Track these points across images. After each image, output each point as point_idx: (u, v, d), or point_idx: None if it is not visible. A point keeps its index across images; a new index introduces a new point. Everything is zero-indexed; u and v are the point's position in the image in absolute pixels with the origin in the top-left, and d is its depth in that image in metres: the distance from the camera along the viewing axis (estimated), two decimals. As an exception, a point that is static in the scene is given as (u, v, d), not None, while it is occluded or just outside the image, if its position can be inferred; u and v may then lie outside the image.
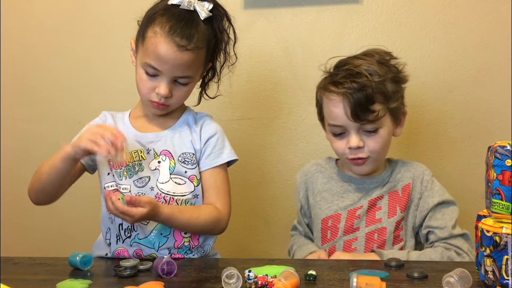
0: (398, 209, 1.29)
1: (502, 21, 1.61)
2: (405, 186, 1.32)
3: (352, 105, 1.23)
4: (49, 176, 1.20)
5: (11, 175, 1.86)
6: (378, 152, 1.28)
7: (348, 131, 1.27)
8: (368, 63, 1.27)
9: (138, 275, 1.08)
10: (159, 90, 1.22)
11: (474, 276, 0.95)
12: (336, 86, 1.26)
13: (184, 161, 1.27)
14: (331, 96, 1.28)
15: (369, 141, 1.27)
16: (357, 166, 1.30)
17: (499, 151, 0.90)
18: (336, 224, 1.31)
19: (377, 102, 1.25)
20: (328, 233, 1.33)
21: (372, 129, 1.26)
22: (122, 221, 1.23)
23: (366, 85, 1.23)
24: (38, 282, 1.06)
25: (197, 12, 1.22)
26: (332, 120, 1.29)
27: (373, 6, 1.67)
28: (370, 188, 1.33)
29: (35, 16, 1.82)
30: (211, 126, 1.32)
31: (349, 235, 1.30)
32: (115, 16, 1.77)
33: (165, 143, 1.28)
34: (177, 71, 1.21)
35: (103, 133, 1.11)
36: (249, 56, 1.72)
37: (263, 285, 0.95)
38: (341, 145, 1.29)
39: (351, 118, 1.24)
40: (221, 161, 1.29)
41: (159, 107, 1.26)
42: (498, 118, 1.64)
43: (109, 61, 1.79)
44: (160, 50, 1.18)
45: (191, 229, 1.24)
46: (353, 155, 1.28)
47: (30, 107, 1.85)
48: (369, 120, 1.24)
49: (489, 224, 0.92)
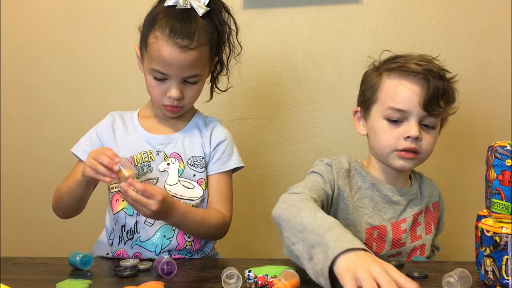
0: (432, 226, 1.28)
1: (502, 21, 1.61)
2: (434, 203, 1.30)
3: (430, 91, 1.14)
4: (70, 199, 1.24)
5: (11, 174, 1.86)
6: (428, 151, 1.19)
7: (408, 119, 1.16)
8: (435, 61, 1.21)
9: (138, 275, 1.08)
10: (170, 93, 1.22)
11: (474, 276, 0.95)
12: (419, 66, 1.16)
13: (194, 164, 1.28)
14: (406, 76, 1.17)
15: (426, 136, 1.18)
16: (405, 159, 1.18)
17: (499, 151, 0.90)
18: (383, 237, 1.21)
19: (445, 99, 1.18)
20: (373, 245, 1.21)
21: (432, 124, 1.18)
22: (125, 223, 1.24)
23: (443, 77, 1.17)
24: (38, 282, 1.05)
25: (194, 9, 1.21)
26: (395, 102, 1.17)
27: (373, 6, 1.67)
28: (408, 200, 1.25)
29: (35, 15, 1.82)
30: (221, 132, 1.33)
31: (395, 249, 1.21)
32: (117, 15, 1.77)
33: (175, 145, 1.28)
34: (184, 72, 1.21)
35: (99, 159, 1.11)
36: (249, 56, 1.72)
37: (263, 285, 0.95)
38: (395, 134, 1.17)
39: (422, 105, 1.14)
40: (228, 167, 1.30)
41: (173, 110, 1.26)
42: (498, 118, 1.64)
43: (111, 60, 1.79)
44: (164, 55, 1.18)
45: (200, 231, 1.24)
46: (409, 145, 1.16)
47: (30, 106, 1.85)
48: (435, 114, 1.16)
49: (489, 224, 0.92)
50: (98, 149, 1.16)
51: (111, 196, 1.28)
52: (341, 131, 1.68)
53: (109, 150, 1.13)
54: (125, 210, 1.25)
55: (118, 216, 1.26)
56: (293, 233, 0.95)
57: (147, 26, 1.23)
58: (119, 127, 1.32)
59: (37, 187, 1.84)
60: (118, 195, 1.26)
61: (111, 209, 1.28)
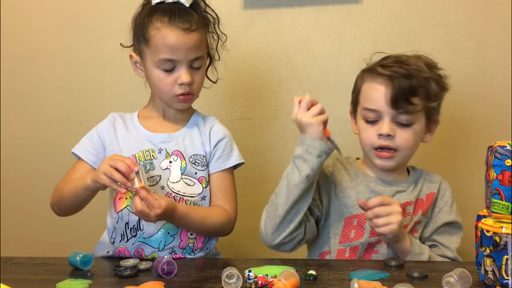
0: (420, 212, 1.29)
1: (502, 21, 1.61)
2: (430, 193, 1.31)
3: (395, 91, 1.21)
4: (73, 198, 1.25)
5: (11, 175, 1.86)
6: (406, 148, 1.25)
7: (382, 118, 1.24)
8: (416, 59, 1.27)
9: (138, 275, 1.08)
10: (181, 79, 1.24)
11: (474, 276, 0.96)
12: (384, 68, 1.25)
13: (195, 162, 1.29)
14: (375, 77, 1.26)
15: (400, 133, 1.24)
16: (382, 158, 1.26)
17: (499, 151, 0.90)
18: (362, 225, 1.27)
19: (418, 96, 1.23)
20: (352, 232, 1.28)
21: (406, 122, 1.24)
22: (129, 220, 1.25)
23: (412, 75, 1.22)
24: (38, 282, 1.06)
25: (181, 2, 1.26)
26: (368, 103, 1.26)
27: (373, 6, 1.67)
28: (394, 191, 1.30)
29: (35, 16, 1.82)
30: (220, 130, 1.35)
31: (375, 237, 1.25)
32: (117, 15, 1.77)
33: (177, 143, 1.29)
34: (190, 53, 1.24)
35: (116, 165, 1.13)
36: (249, 56, 1.72)
37: (263, 285, 0.95)
38: (371, 133, 1.26)
39: (389, 104, 1.22)
40: (229, 164, 1.32)
41: (186, 98, 1.27)
42: (498, 118, 1.64)
43: (112, 61, 1.78)
44: (170, 40, 1.22)
45: (202, 229, 1.25)
46: (382, 142, 1.24)
47: (30, 107, 1.85)
48: (406, 111, 1.22)
49: (489, 224, 0.92)
50: (114, 155, 1.17)
51: (114, 194, 1.28)
52: (341, 131, 1.68)
53: (128, 159, 1.15)
54: (128, 208, 1.26)
55: (121, 214, 1.26)
56: (277, 197, 1.23)
57: (142, 24, 1.26)
58: (120, 126, 1.33)
59: (37, 187, 1.84)
60: (121, 194, 1.26)
61: (114, 207, 1.28)
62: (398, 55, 1.29)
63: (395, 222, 1.14)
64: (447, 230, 1.30)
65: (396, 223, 1.14)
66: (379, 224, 1.14)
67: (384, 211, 1.15)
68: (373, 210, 1.15)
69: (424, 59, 1.29)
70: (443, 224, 1.29)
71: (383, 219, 1.14)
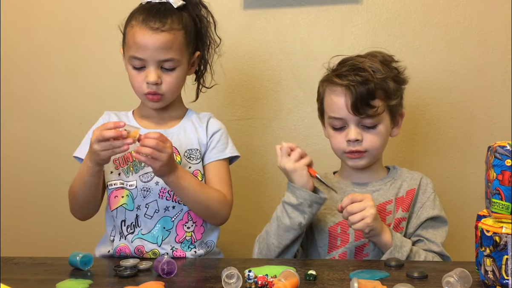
0: (400, 209, 1.30)
1: (502, 21, 1.61)
2: (410, 190, 1.33)
3: (354, 98, 1.25)
4: (85, 191, 1.24)
5: (11, 175, 1.86)
6: (375, 148, 1.30)
7: (348, 125, 1.29)
8: (371, 61, 1.30)
9: (138, 275, 1.08)
10: (148, 78, 1.24)
11: (474, 276, 0.96)
12: (340, 78, 1.29)
13: (189, 157, 1.30)
14: (334, 88, 1.30)
15: (367, 136, 1.29)
16: (354, 159, 1.31)
17: (499, 151, 0.90)
18: (346, 230, 1.29)
19: (378, 98, 1.27)
20: (338, 240, 1.30)
21: (371, 124, 1.28)
22: (125, 218, 1.26)
23: (369, 80, 1.26)
24: (38, 282, 1.06)
25: (170, 3, 1.26)
26: (332, 112, 1.30)
27: (373, 6, 1.67)
28: (370, 191, 1.32)
29: (35, 16, 1.82)
30: (216, 123, 1.37)
31: (360, 240, 1.28)
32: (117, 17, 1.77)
33: (171, 139, 1.29)
34: (158, 54, 1.23)
35: (106, 135, 1.12)
36: (249, 56, 1.72)
37: (263, 285, 0.95)
38: (340, 139, 1.31)
39: (351, 111, 1.26)
40: (225, 155, 1.33)
41: (154, 98, 1.27)
42: (498, 118, 1.64)
43: (112, 61, 1.77)
44: (137, 38, 1.23)
45: (200, 199, 1.24)
46: (351, 148, 1.29)
47: (30, 107, 1.85)
48: (369, 115, 1.26)
49: (489, 224, 0.92)
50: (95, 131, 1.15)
51: (109, 193, 1.28)
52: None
53: (108, 123, 1.14)
54: (124, 206, 1.26)
55: (117, 212, 1.27)
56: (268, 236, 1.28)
57: (126, 22, 1.29)
58: None
59: (37, 187, 1.84)
60: (116, 192, 1.27)
61: (109, 206, 1.29)
62: (353, 59, 1.32)
63: (368, 216, 1.15)
64: (431, 225, 1.30)
65: (370, 217, 1.15)
66: (354, 220, 1.16)
67: (357, 207, 1.17)
68: (347, 209, 1.18)
69: (379, 57, 1.32)
70: (427, 219, 1.30)
71: (357, 215, 1.16)
